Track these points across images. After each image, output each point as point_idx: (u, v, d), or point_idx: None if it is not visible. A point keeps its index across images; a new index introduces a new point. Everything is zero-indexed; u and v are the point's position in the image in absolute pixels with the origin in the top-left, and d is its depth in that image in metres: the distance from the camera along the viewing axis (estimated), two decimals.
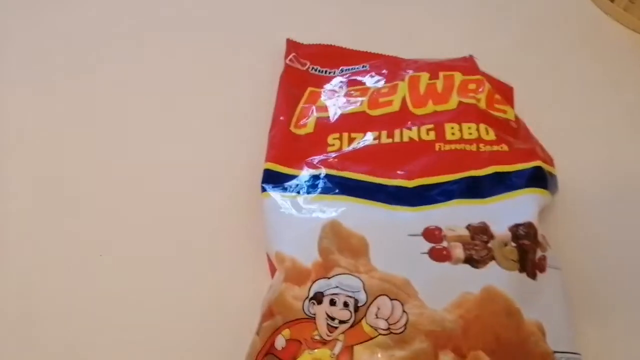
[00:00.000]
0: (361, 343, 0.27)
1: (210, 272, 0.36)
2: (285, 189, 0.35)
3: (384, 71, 0.43)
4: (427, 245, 0.30)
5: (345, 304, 0.28)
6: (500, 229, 0.31)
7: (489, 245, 0.30)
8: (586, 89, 0.46)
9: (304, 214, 0.33)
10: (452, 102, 0.39)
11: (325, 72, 0.45)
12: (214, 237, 0.37)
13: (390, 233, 0.31)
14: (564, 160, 0.38)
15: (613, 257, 0.36)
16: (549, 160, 0.36)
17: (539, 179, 0.34)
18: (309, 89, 0.43)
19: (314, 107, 0.41)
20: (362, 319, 0.28)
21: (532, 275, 0.30)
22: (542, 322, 0.28)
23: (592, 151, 0.42)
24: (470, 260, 0.29)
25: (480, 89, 0.40)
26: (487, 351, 0.26)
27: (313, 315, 0.28)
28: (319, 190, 0.34)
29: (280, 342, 0.28)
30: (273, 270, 0.34)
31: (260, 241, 0.35)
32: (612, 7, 0.50)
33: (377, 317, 0.28)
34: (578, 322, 0.31)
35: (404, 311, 0.28)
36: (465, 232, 0.31)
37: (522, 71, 0.45)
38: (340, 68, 0.45)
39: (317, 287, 0.29)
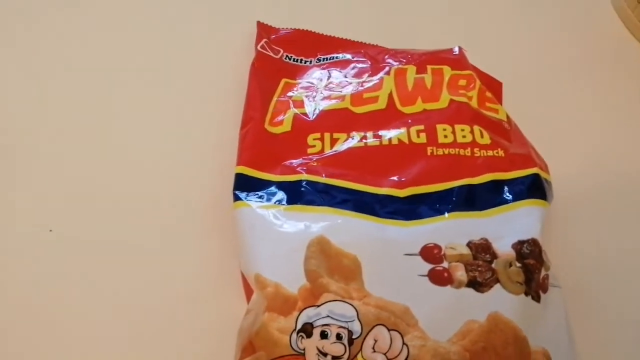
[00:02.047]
0: None
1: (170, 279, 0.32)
2: (261, 197, 0.31)
3: (367, 62, 0.39)
4: (427, 267, 0.27)
5: (338, 337, 0.25)
6: (503, 246, 0.28)
7: (493, 266, 0.27)
8: (576, 88, 0.44)
9: (285, 229, 0.29)
10: (443, 100, 0.36)
11: (301, 61, 0.40)
12: (176, 250, 0.33)
13: (385, 252, 0.28)
14: (554, 164, 0.36)
15: (610, 267, 0.35)
16: (544, 167, 0.34)
17: (538, 188, 0.32)
18: (284, 80, 0.38)
19: (290, 102, 0.37)
20: (357, 353, 0.25)
21: (537, 298, 0.27)
22: (547, 349, 0.26)
23: (580, 154, 0.40)
24: (473, 284, 0.27)
25: (472, 86, 0.37)
26: None
27: (302, 351, 0.25)
28: (302, 200, 0.31)
29: None
30: (248, 291, 0.30)
31: (231, 256, 0.31)
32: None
33: (374, 351, 0.25)
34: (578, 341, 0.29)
35: (404, 343, 0.25)
36: (467, 251, 0.28)
37: (509, 66, 0.43)
38: (318, 57, 0.40)
39: (305, 317, 0.25)
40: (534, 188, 0.31)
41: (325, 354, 0.25)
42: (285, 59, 0.40)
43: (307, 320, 0.25)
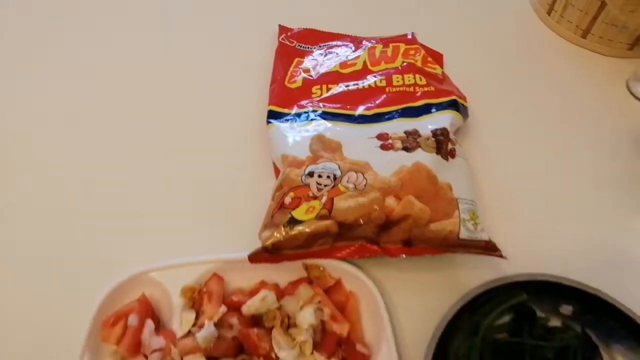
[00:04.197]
0: (338, 195, 0.43)
1: (230, 174, 0.52)
2: (283, 121, 0.52)
3: (351, 45, 0.60)
4: (379, 143, 0.47)
5: (328, 177, 0.45)
6: (425, 131, 0.48)
7: (417, 140, 0.47)
8: (501, 56, 0.64)
9: (298, 133, 0.50)
10: (398, 62, 0.56)
11: (308, 47, 0.62)
12: (233, 153, 0.54)
13: (356, 138, 0.48)
14: (475, 101, 0.56)
15: (508, 164, 0.53)
16: (463, 97, 0.54)
17: (453, 105, 0.51)
18: (296, 59, 0.60)
19: (301, 70, 0.58)
20: (338, 183, 0.44)
21: (446, 158, 0.46)
22: (451, 183, 0.45)
23: (495, 95, 0.59)
24: (405, 149, 0.46)
25: (418, 54, 0.57)
26: (415, 196, 0.43)
27: (307, 184, 0.44)
28: (308, 119, 0.51)
29: (287, 200, 0.44)
30: (277, 173, 0.50)
31: (267, 155, 0.51)
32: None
33: (348, 182, 0.44)
34: (488, 213, 0.48)
35: (364, 177, 0.44)
36: (403, 135, 0.47)
37: (452, 44, 0.63)
38: (319, 45, 0.62)
39: (309, 168, 0.45)
40: (450, 105, 0.51)
41: (320, 184, 0.44)
42: (298, 47, 0.62)
43: (310, 170, 0.45)
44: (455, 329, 0.42)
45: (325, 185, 0.44)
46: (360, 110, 0.51)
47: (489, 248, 0.44)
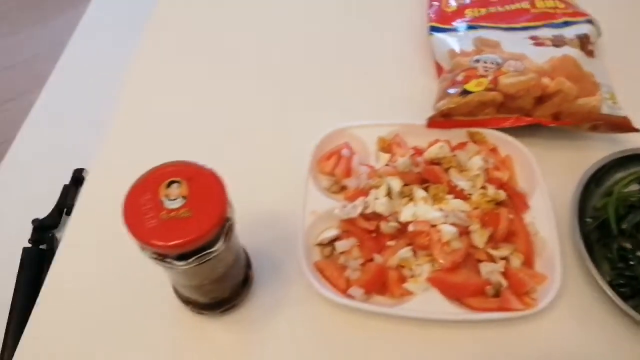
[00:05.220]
0: (502, 75, 0.55)
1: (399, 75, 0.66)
2: (445, 32, 0.65)
3: None
4: (532, 41, 0.59)
5: (492, 63, 0.57)
6: (570, 36, 0.59)
7: (564, 39, 0.58)
8: None
9: (460, 37, 0.62)
10: None
11: None
12: (400, 59, 0.67)
13: (511, 39, 0.60)
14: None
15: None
16: (593, 19, 0.64)
17: (589, 22, 0.62)
18: None
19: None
20: (501, 67, 0.56)
21: (588, 55, 0.57)
22: (593, 72, 0.56)
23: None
24: (554, 45, 0.57)
25: None
26: (565, 77, 0.54)
27: (475, 67, 0.57)
28: (465, 29, 0.64)
29: (459, 77, 0.56)
30: (439, 72, 0.62)
31: (430, 60, 0.64)
32: None
33: (509, 66, 0.56)
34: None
35: (522, 63, 0.56)
36: (551, 37, 0.59)
37: None
38: None
39: (476, 57, 0.58)
40: (587, 22, 0.62)
41: (486, 68, 0.56)
42: None
43: (477, 58, 0.58)
44: (591, 189, 0.53)
45: (490, 68, 0.56)
46: (510, 24, 0.63)
47: (625, 124, 0.54)
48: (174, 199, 0.38)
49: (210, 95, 0.65)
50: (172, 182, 0.38)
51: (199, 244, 0.37)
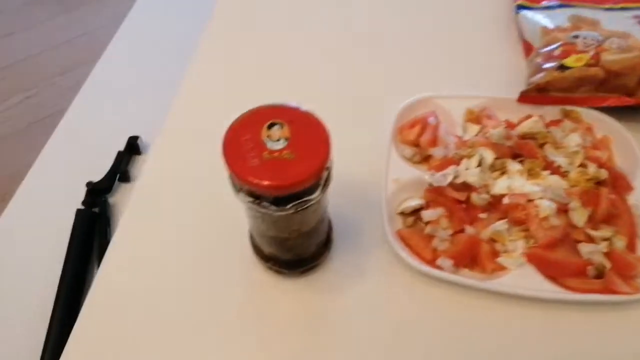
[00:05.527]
0: (604, 51, 0.52)
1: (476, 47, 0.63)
2: (534, 10, 0.62)
3: None
4: (635, 20, 0.55)
5: (592, 39, 0.53)
6: None
7: None
8: None
9: (551, 16, 0.59)
10: None
11: None
12: (483, 37, 0.64)
13: (611, 17, 0.57)
14: None
15: None
16: None
17: None
18: None
19: None
20: (602, 43, 0.53)
21: None
22: None
23: None
24: None
25: None
26: None
27: (574, 43, 0.54)
28: (557, 7, 0.60)
29: (557, 52, 0.53)
30: (527, 51, 0.59)
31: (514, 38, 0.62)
32: None
33: (611, 43, 0.53)
34: None
35: (625, 41, 0.53)
36: None
37: None
38: None
39: (574, 33, 0.55)
40: None
41: (586, 44, 0.53)
42: None
43: (576, 34, 0.54)
44: None
45: (590, 44, 0.53)
46: (607, 5, 0.60)
47: None
48: (277, 140, 0.36)
49: (289, 59, 0.64)
50: (273, 124, 0.37)
51: (301, 187, 0.35)
